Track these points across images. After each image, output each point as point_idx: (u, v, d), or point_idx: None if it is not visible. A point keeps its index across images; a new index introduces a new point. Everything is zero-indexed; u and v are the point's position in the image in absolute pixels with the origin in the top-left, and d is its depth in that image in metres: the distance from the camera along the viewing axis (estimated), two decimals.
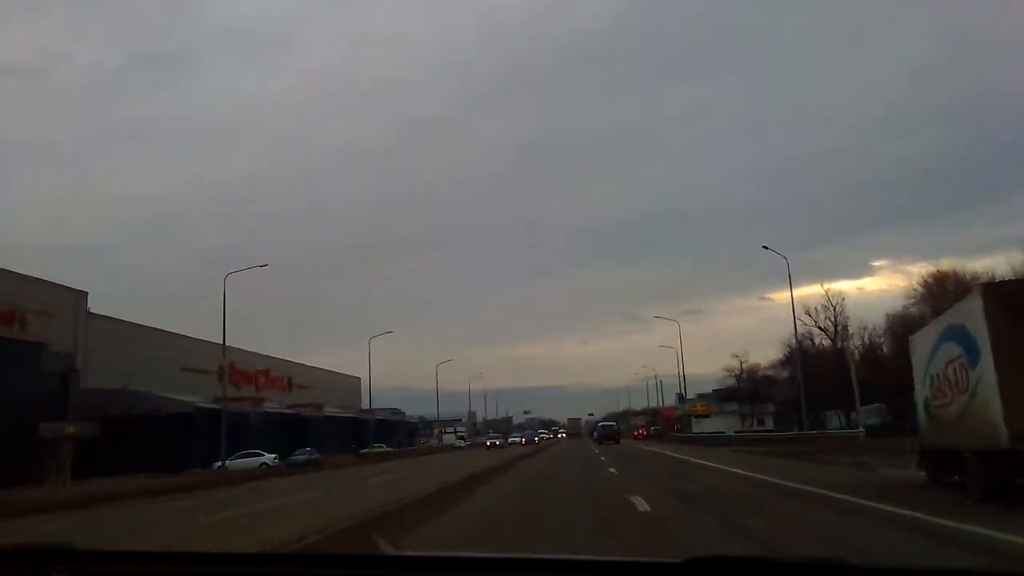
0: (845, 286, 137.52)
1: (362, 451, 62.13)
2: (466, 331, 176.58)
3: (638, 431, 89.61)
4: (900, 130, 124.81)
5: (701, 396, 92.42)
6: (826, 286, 58.37)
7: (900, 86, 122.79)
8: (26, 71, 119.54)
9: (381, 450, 65.03)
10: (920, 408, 15.95)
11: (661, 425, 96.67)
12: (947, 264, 54.77)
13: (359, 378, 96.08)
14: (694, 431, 77.44)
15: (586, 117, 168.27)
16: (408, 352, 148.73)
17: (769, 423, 76.76)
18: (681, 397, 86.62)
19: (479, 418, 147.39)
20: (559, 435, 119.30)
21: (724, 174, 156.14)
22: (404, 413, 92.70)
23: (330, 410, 67.86)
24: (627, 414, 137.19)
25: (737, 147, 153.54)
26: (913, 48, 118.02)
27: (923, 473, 15.58)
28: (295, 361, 78.43)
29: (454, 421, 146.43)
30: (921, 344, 15.80)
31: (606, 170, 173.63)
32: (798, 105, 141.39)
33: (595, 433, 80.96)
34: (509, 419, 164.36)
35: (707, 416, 77.26)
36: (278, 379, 70.82)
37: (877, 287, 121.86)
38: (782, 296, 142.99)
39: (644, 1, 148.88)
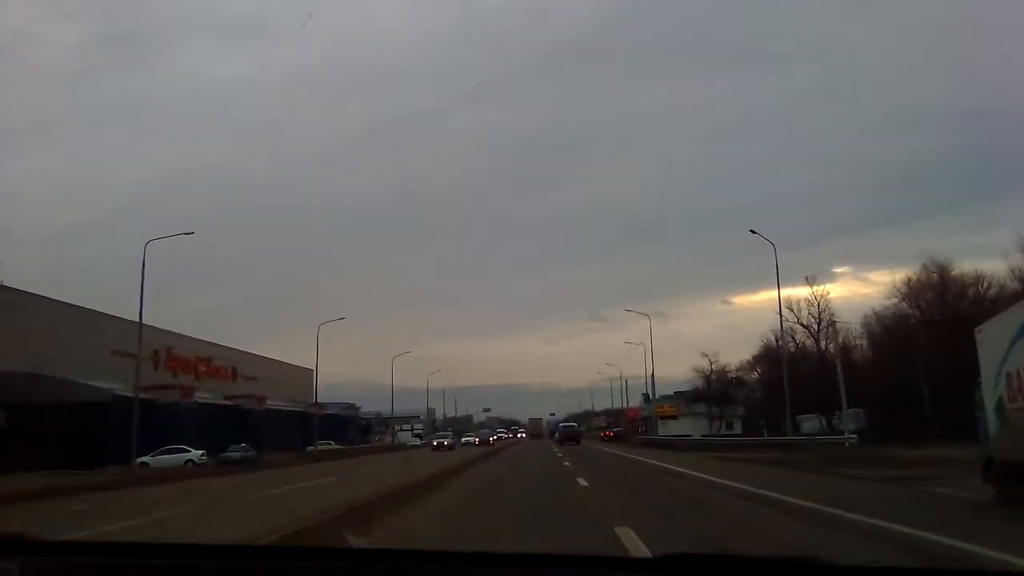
0: (804, 292, 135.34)
1: (308, 448, 57.88)
2: (431, 327, 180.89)
3: (606, 432, 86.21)
4: (863, 139, 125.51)
5: (666, 398, 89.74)
6: (814, 286, 55.00)
7: (869, 93, 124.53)
8: None
9: (328, 447, 60.76)
10: (990, 411, 12.81)
11: (624, 427, 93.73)
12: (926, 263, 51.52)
13: (311, 370, 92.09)
14: (660, 433, 74.42)
15: (562, 115, 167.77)
16: (372, 347, 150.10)
17: (737, 427, 73.98)
18: (647, 398, 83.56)
19: (439, 416, 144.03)
20: (519, 435, 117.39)
21: (695, 177, 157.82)
22: (358, 408, 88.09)
23: (274, 403, 63.18)
24: (588, 415, 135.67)
25: (708, 151, 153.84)
26: (892, 50, 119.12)
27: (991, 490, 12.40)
28: (243, 350, 73.73)
29: (412, 418, 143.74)
30: (996, 335, 12.63)
31: (580, 169, 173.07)
32: (768, 109, 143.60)
33: (556, 434, 78.46)
34: (469, 417, 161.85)
35: (674, 418, 74.18)
36: (222, 368, 65.97)
37: (839, 293, 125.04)
38: (743, 300, 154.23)
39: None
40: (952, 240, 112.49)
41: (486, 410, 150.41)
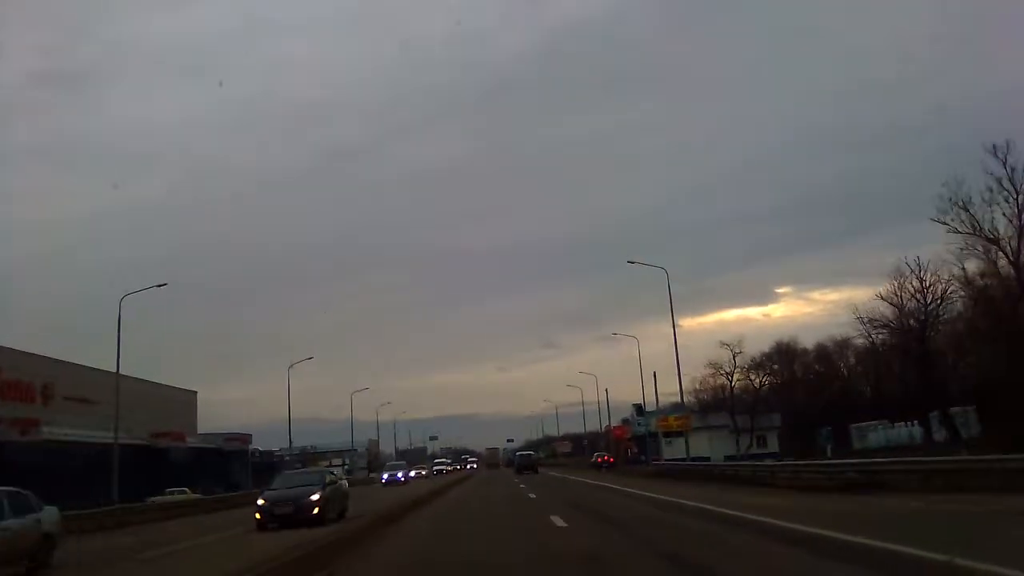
0: (752, 312, 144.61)
1: (151, 499, 36.96)
2: (381, 359, 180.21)
3: (604, 457, 65.48)
4: (804, 159, 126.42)
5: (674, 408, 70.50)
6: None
7: (803, 116, 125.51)
8: None
9: (177, 498, 39.27)
10: None
11: (606, 450, 73.56)
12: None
13: (195, 392, 70.41)
14: (664, 457, 54.34)
15: (506, 143, 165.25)
16: (321, 381, 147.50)
17: (771, 443, 54.39)
18: (639, 410, 63.54)
19: (390, 448, 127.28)
20: (468, 466, 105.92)
21: (640, 200, 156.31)
22: (250, 438, 65.94)
23: (75, 433, 41.25)
24: (549, 441, 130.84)
25: (653, 174, 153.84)
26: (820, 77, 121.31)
27: None
28: (100, 368, 52.38)
29: (347, 452, 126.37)
30: None
31: (526, 196, 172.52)
32: (708, 132, 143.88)
33: (514, 463, 72.48)
34: (423, 449, 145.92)
35: (680, 434, 54.00)
36: (18, 384, 43.65)
37: (781, 313, 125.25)
38: (691, 323, 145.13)
39: (564, 28, 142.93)
40: (892, 255, 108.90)
41: (433, 437, 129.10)
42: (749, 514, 14.24)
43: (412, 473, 66.58)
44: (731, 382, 50.95)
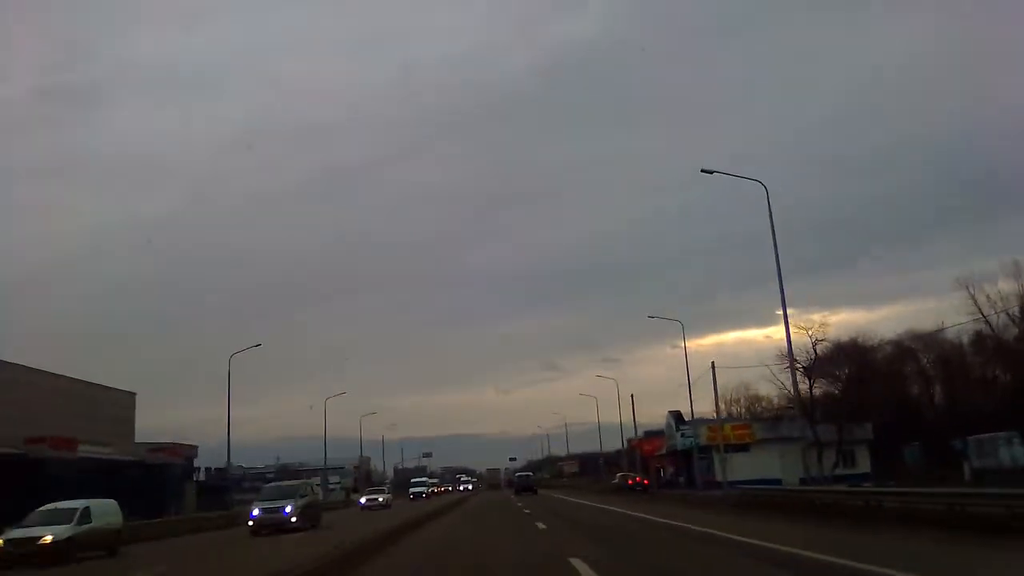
0: (754, 334, 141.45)
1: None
2: (383, 379, 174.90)
3: (636, 479, 52.56)
4: (804, 182, 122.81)
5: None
6: None
7: (802, 138, 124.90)
8: None
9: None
10: None
11: (630, 469, 60.78)
12: None
13: (133, 394, 58.09)
14: (717, 476, 41.75)
15: (506, 165, 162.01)
16: (318, 399, 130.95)
17: (862, 461, 41.65)
18: (680, 418, 50.67)
19: (385, 467, 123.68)
20: (462, 487, 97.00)
21: (644, 223, 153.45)
22: (195, 451, 53.05)
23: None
24: (552, 460, 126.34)
25: (651, 200, 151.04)
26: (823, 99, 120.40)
27: None
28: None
29: (337, 469, 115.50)
30: None
31: (529, 218, 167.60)
32: (711, 154, 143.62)
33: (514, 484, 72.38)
34: (423, 468, 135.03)
35: (745, 449, 41.17)
36: None
37: (782, 335, 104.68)
38: (691, 344, 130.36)
39: (567, 50, 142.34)
40: (885, 281, 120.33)
41: (427, 455, 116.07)
42: None
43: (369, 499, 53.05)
44: (811, 381, 38.07)
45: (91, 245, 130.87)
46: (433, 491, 73.45)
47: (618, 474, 60.80)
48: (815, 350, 39.67)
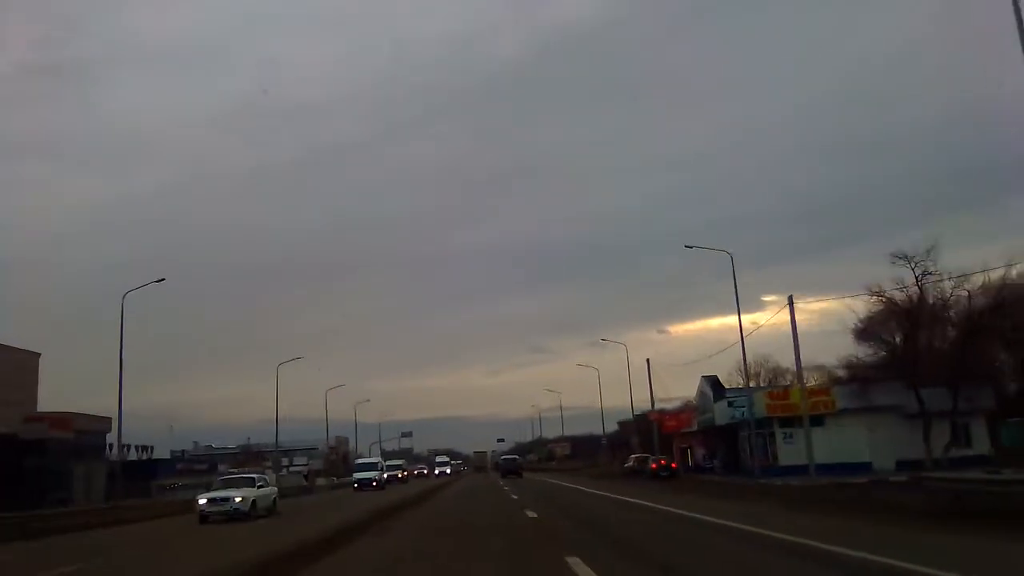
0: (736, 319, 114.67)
1: None
2: (366, 360, 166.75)
3: (661, 461, 41.49)
4: (790, 167, 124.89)
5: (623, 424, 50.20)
6: None
7: (801, 121, 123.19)
8: None
9: None
10: None
11: (643, 450, 50.64)
12: None
13: (37, 354, 47.52)
14: (779, 459, 31.76)
15: (500, 145, 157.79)
16: (303, 380, 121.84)
17: (979, 437, 31.64)
18: (718, 385, 40.34)
19: (368, 448, 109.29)
20: (437, 471, 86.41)
21: (628, 206, 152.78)
22: (108, 424, 41.82)
23: None
24: (541, 442, 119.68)
25: (639, 181, 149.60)
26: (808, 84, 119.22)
27: None
28: None
29: (308, 450, 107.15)
30: None
31: (518, 199, 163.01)
32: (704, 138, 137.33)
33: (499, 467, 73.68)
34: (408, 450, 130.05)
35: (817, 422, 30.68)
36: None
37: (772, 322, 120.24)
38: (678, 329, 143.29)
39: (562, 32, 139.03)
40: (880, 266, 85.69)
41: (406, 434, 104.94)
42: None
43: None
44: (905, 333, 27.74)
45: (80, 224, 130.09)
46: (398, 476, 61.89)
47: (632, 456, 50.51)
48: (920, 287, 29.44)
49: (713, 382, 40.93)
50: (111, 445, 41.34)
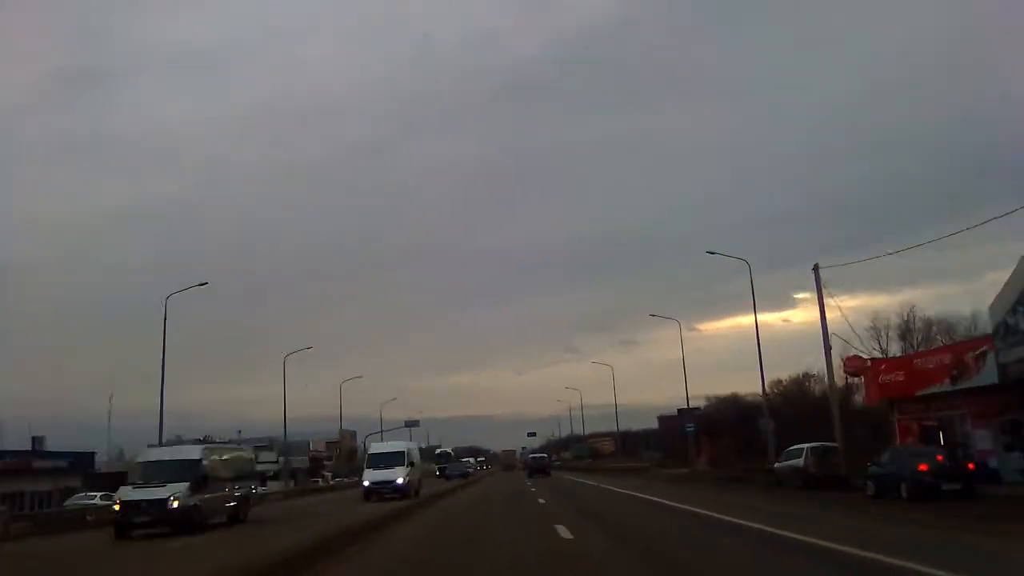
0: (770, 318, 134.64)
1: None
2: (399, 358, 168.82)
3: (936, 458, 18.18)
4: (821, 165, 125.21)
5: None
6: None
7: (821, 121, 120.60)
8: None
9: None
10: None
11: (771, 432, 32.66)
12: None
13: None
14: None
15: (526, 144, 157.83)
16: (335, 379, 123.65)
17: None
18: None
19: (364, 441, 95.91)
20: (437, 472, 72.33)
21: (663, 204, 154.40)
22: None
23: None
24: (578, 440, 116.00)
25: (676, 177, 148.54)
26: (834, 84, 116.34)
27: None
28: None
29: (299, 444, 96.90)
30: None
31: (545, 197, 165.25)
32: (732, 137, 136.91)
33: (527, 466, 74.58)
34: (436, 447, 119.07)
35: None
36: None
37: (800, 319, 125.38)
38: (708, 327, 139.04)
39: (585, 33, 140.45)
40: (908, 262, 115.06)
41: (411, 423, 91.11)
42: None
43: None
44: None
45: (105, 227, 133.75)
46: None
47: (795, 448, 28.41)
48: None
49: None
50: None
